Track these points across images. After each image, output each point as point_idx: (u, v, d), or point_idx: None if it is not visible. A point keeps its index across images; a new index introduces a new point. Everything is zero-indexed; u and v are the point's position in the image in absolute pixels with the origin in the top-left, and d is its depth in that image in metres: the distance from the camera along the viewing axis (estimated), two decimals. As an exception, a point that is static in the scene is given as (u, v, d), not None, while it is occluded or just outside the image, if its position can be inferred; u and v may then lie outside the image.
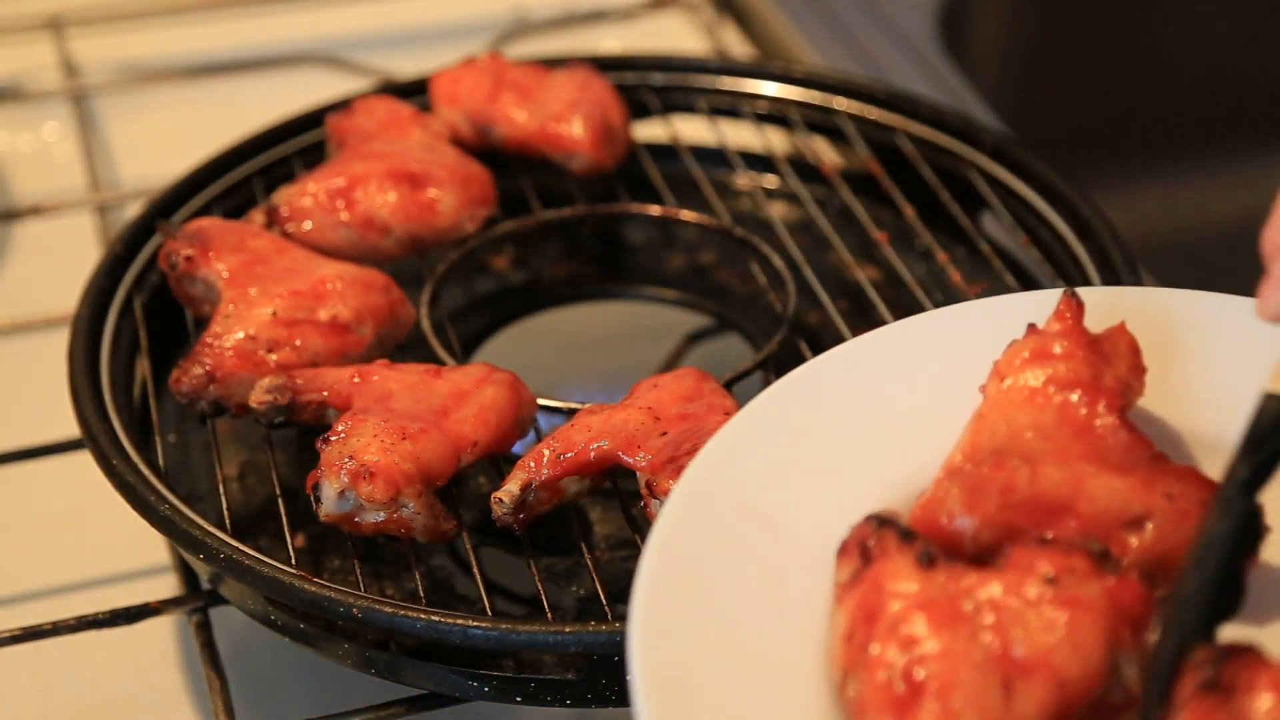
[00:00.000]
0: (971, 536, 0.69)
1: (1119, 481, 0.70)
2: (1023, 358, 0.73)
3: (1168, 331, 0.78)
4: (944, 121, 1.11)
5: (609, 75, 1.16)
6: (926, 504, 0.70)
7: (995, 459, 0.70)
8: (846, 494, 0.72)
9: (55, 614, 0.87)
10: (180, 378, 0.89)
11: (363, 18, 1.46)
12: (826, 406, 0.75)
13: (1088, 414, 0.72)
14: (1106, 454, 0.71)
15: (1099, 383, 0.73)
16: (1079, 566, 0.65)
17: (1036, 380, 0.73)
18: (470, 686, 0.80)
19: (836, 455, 0.73)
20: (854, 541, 0.67)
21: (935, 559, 0.66)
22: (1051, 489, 0.69)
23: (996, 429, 0.72)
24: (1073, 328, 0.74)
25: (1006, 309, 0.79)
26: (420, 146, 1.03)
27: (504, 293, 1.10)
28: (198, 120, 1.34)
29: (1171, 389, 0.77)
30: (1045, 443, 0.71)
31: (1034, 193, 1.04)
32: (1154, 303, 0.80)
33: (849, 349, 0.78)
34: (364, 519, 0.82)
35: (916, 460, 0.73)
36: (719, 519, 0.70)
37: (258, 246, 0.94)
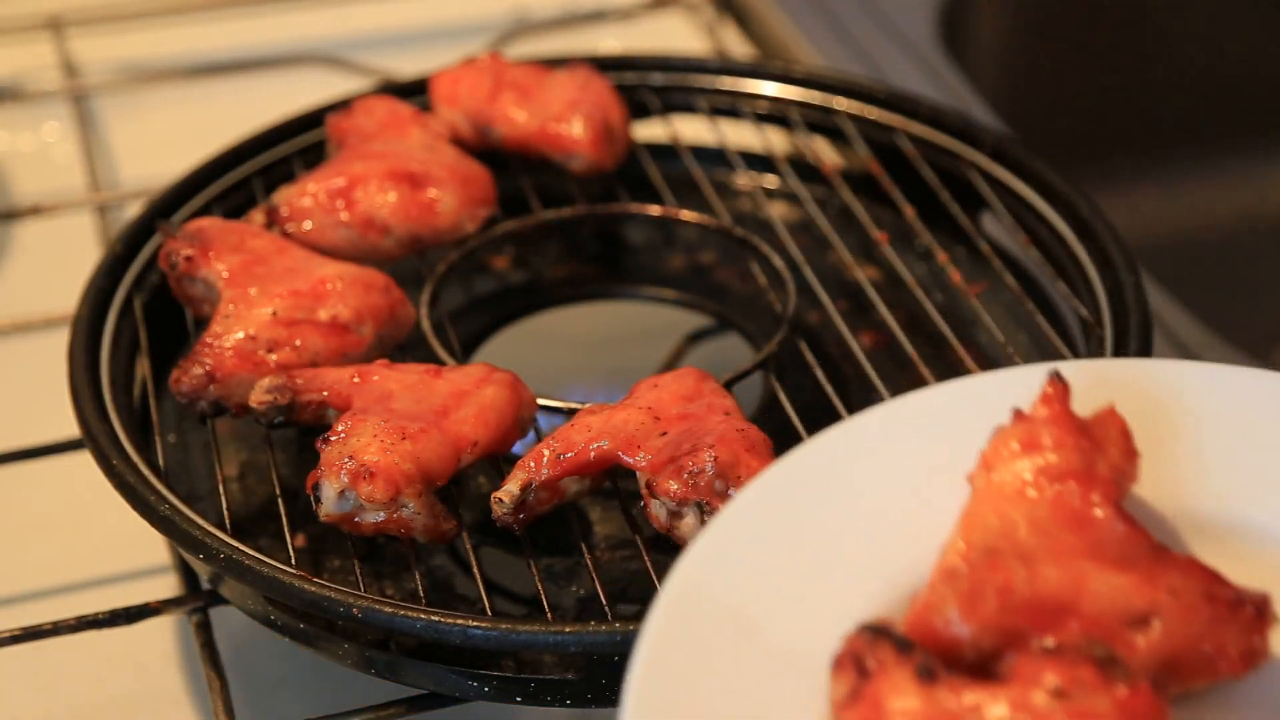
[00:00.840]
0: (970, 643, 0.66)
1: (1120, 578, 0.67)
2: (1010, 448, 0.70)
3: (1157, 406, 0.75)
4: (944, 121, 1.11)
5: (609, 75, 1.16)
6: (921, 610, 0.67)
7: (990, 558, 0.67)
8: (837, 596, 0.69)
9: (55, 614, 0.87)
10: (180, 378, 0.89)
11: (363, 18, 1.46)
12: (811, 501, 0.72)
13: (1083, 506, 0.68)
14: (1105, 548, 0.68)
15: (1092, 472, 0.69)
16: (1087, 677, 0.62)
17: (1027, 472, 0.69)
18: (470, 686, 0.80)
19: (824, 553, 0.70)
20: (848, 655, 0.64)
21: (935, 673, 0.62)
22: (1051, 589, 0.67)
23: (989, 524, 0.69)
24: (1060, 413, 0.70)
25: (990, 388, 0.76)
26: (420, 146, 1.03)
27: (504, 293, 1.10)
28: (198, 120, 1.34)
29: (1163, 468, 0.74)
30: (1041, 539, 0.68)
31: (1034, 193, 1.04)
32: (1141, 376, 0.77)
33: (832, 438, 0.75)
34: (364, 519, 0.82)
35: (907, 555, 0.71)
36: (708, 627, 0.67)
37: (258, 246, 0.94)
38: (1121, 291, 0.94)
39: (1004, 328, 1.01)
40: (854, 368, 0.98)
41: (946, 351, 0.98)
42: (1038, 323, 0.98)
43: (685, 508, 0.80)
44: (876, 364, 0.96)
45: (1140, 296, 0.94)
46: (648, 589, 0.80)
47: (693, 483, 0.80)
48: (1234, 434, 0.74)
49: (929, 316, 0.99)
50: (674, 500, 0.80)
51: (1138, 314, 0.92)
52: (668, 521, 0.81)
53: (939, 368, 0.97)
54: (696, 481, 0.80)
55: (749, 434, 0.82)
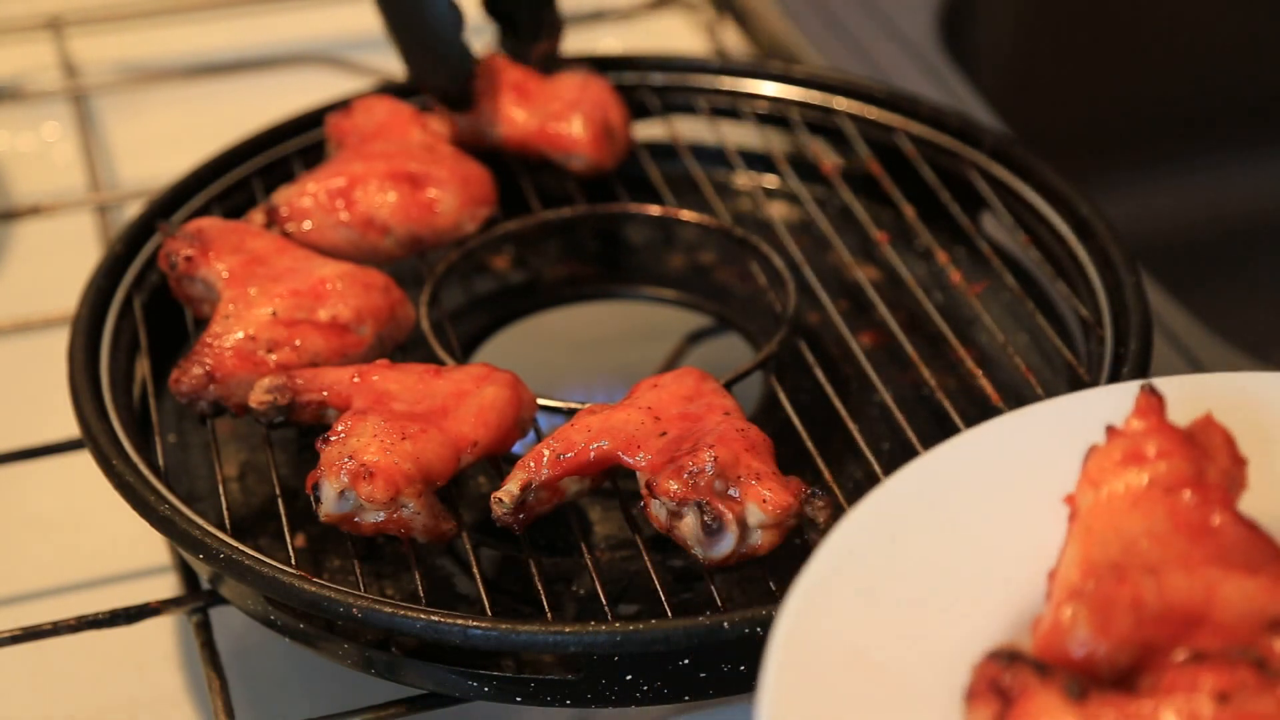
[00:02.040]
0: (1106, 660, 0.64)
1: (1250, 583, 0.66)
2: (1115, 461, 0.69)
3: (1253, 416, 0.74)
4: (944, 121, 1.10)
5: (609, 75, 1.16)
6: (1051, 631, 0.65)
7: (1116, 573, 0.66)
8: (950, 627, 0.68)
9: (55, 614, 0.87)
10: (180, 378, 0.89)
11: (363, 18, 1.45)
12: (908, 533, 0.71)
13: (1201, 514, 0.67)
14: (1230, 554, 0.66)
15: (1203, 479, 0.68)
16: (1247, 679, 0.61)
17: (1138, 483, 0.68)
18: (470, 686, 0.80)
19: (931, 586, 0.69)
20: (984, 683, 0.63)
21: (1087, 689, 0.61)
22: (1182, 598, 0.65)
23: (1106, 540, 0.67)
24: (1160, 424, 0.69)
25: (1074, 410, 0.75)
26: (420, 146, 1.03)
27: (504, 293, 1.10)
28: (198, 120, 1.34)
29: (1268, 476, 0.72)
30: (1163, 550, 0.67)
31: (1034, 192, 1.04)
32: (1228, 389, 0.76)
33: (917, 471, 0.74)
34: (364, 519, 0.82)
35: (1015, 582, 0.70)
36: (827, 668, 0.66)
37: (257, 246, 0.94)
38: (1121, 291, 0.94)
39: (1004, 327, 1.01)
40: (854, 368, 0.98)
41: (946, 351, 0.98)
42: (1038, 322, 0.98)
43: (685, 508, 0.80)
44: (876, 364, 0.96)
45: (1140, 296, 0.94)
46: (648, 589, 0.80)
47: (693, 483, 0.80)
48: None
49: (929, 316, 0.99)
50: (674, 500, 0.80)
51: (1138, 314, 0.92)
52: (668, 521, 0.81)
53: (939, 368, 0.97)
54: (696, 481, 0.80)
55: (749, 434, 0.82)
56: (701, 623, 0.76)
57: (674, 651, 0.76)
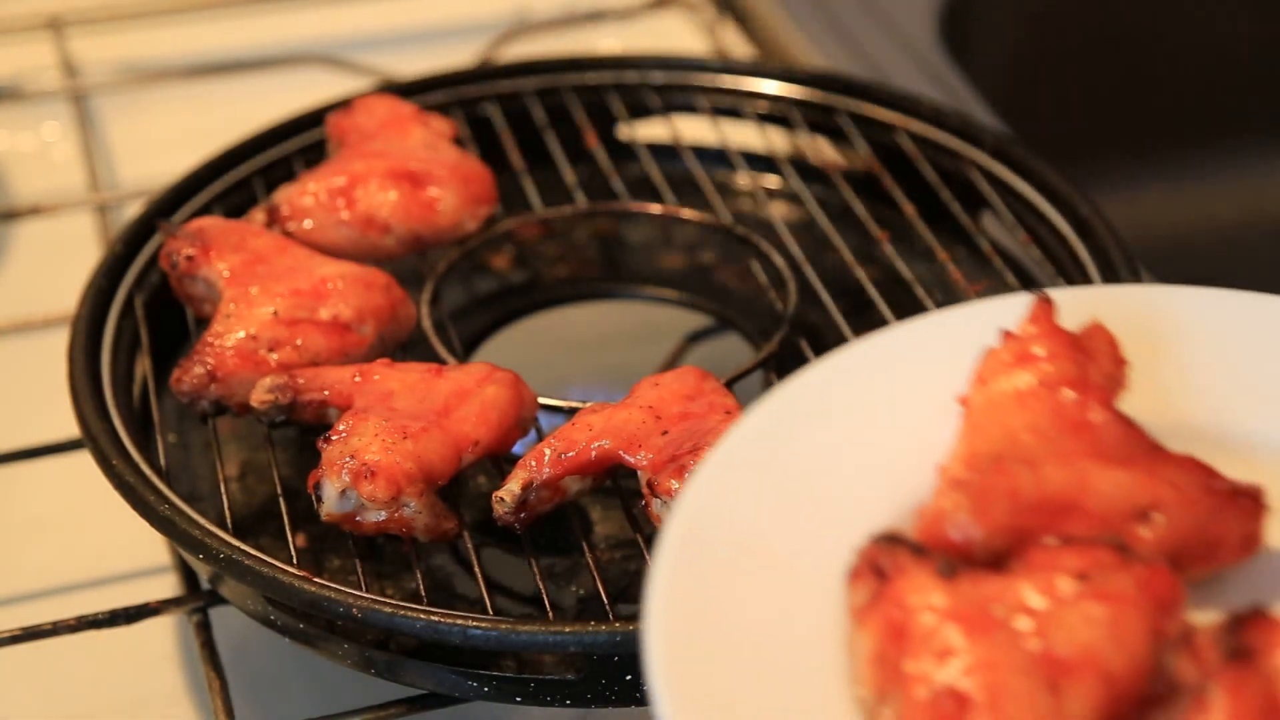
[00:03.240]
0: (982, 545, 0.67)
1: (1122, 474, 0.69)
2: (1005, 362, 0.72)
3: (1143, 326, 0.77)
4: (945, 121, 1.10)
5: (608, 74, 1.16)
6: (932, 516, 0.68)
7: (996, 465, 0.69)
8: (842, 516, 0.70)
9: (55, 614, 0.87)
10: (181, 377, 0.89)
11: (363, 18, 1.46)
12: (807, 429, 0.73)
13: (1080, 410, 0.71)
14: (1105, 449, 0.70)
15: (1086, 378, 0.72)
16: (1106, 560, 0.64)
17: (1024, 382, 0.72)
18: (470, 686, 0.80)
19: (823, 479, 0.72)
20: (865, 563, 0.65)
21: (957, 569, 0.64)
22: (1057, 489, 0.68)
23: (991, 434, 0.71)
24: (1050, 327, 0.73)
25: (974, 318, 0.78)
26: (421, 145, 1.03)
27: (504, 292, 1.10)
28: (198, 120, 1.34)
29: (1152, 383, 0.76)
30: (1043, 443, 0.70)
31: (1034, 192, 1.04)
32: (1125, 299, 0.79)
33: (820, 371, 0.76)
34: (365, 518, 0.82)
35: (905, 475, 0.72)
36: (718, 553, 0.68)
37: (258, 245, 0.94)
38: (1122, 291, 0.94)
39: (1005, 327, 1.00)
40: (855, 367, 0.98)
41: (947, 351, 0.98)
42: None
43: (686, 507, 0.80)
44: (877, 363, 0.96)
45: (1141, 296, 0.94)
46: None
47: (694, 482, 0.80)
48: (1218, 350, 0.77)
49: (930, 316, 0.99)
50: (675, 499, 0.80)
51: (1139, 313, 0.92)
52: (669, 521, 0.81)
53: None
54: (698, 481, 0.80)
55: (750, 433, 0.82)
56: (703, 622, 0.76)
57: (675, 651, 0.76)
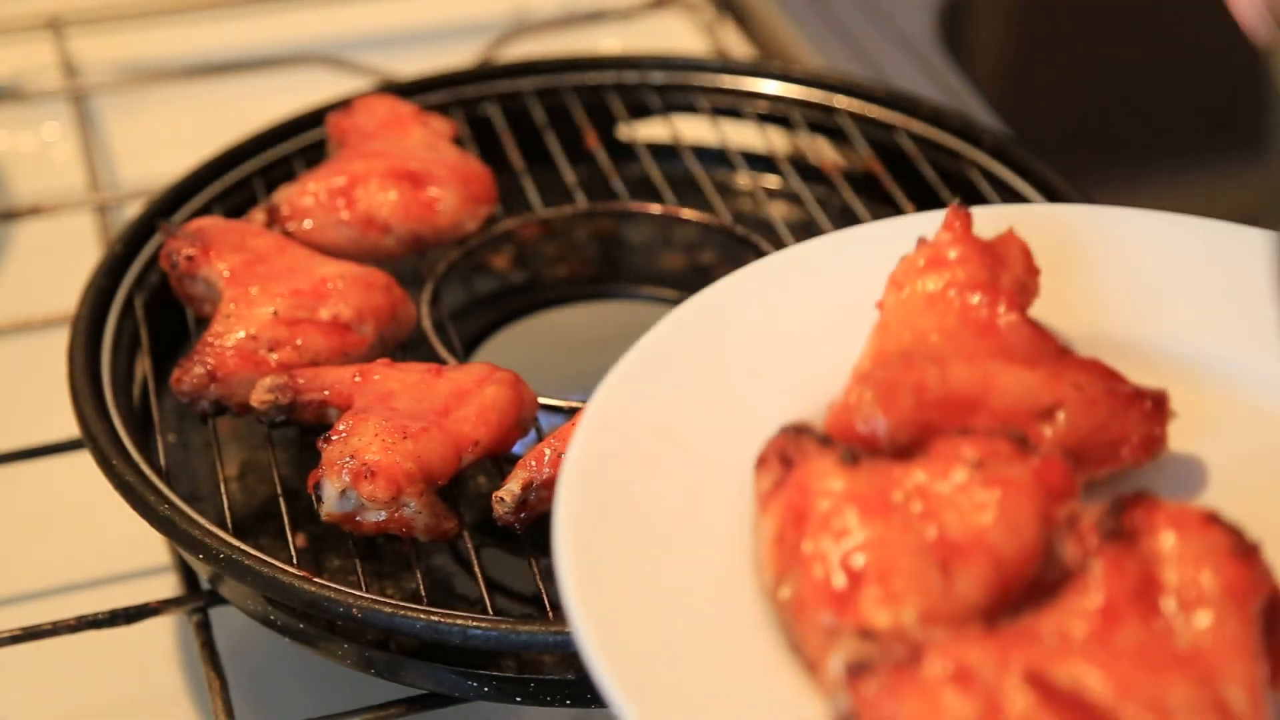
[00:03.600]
0: (888, 437, 0.69)
1: (1027, 375, 0.71)
2: (918, 266, 0.74)
3: (1056, 241, 0.79)
4: (944, 120, 1.11)
5: (608, 74, 1.16)
6: (840, 410, 0.70)
7: (904, 362, 0.71)
8: (756, 412, 0.72)
9: (55, 614, 0.87)
10: (181, 377, 0.89)
11: (363, 18, 1.46)
12: (729, 330, 0.76)
13: (989, 313, 0.73)
14: (1012, 350, 0.72)
15: (996, 284, 0.73)
16: (1002, 450, 0.66)
17: (935, 286, 0.73)
18: (470, 686, 0.80)
19: (742, 377, 0.74)
20: (772, 451, 0.67)
21: (859, 456, 0.66)
22: (962, 386, 0.70)
23: (901, 336, 0.73)
24: (964, 235, 0.74)
25: (897, 230, 0.79)
26: (421, 145, 1.03)
27: (504, 292, 1.09)
28: (198, 120, 1.34)
29: (1063, 295, 0.78)
30: (951, 344, 0.72)
31: (1035, 192, 1.04)
32: (1041, 216, 0.81)
33: (744, 276, 0.78)
34: (365, 518, 0.82)
35: (822, 376, 0.74)
36: (632, 444, 0.70)
37: (259, 245, 0.94)
38: (1123, 291, 0.94)
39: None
40: (855, 367, 0.98)
41: (947, 351, 0.98)
42: (1039, 322, 0.97)
43: (686, 507, 0.80)
44: (877, 363, 0.96)
45: (1141, 296, 0.94)
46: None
47: (694, 482, 0.80)
48: (1132, 266, 0.79)
49: (930, 316, 0.99)
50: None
51: (1139, 313, 0.92)
52: (669, 521, 0.81)
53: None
54: (698, 481, 0.80)
55: (750, 433, 0.82)
56: (703, 622, 0.76)
57: (675, 651, 0.76)
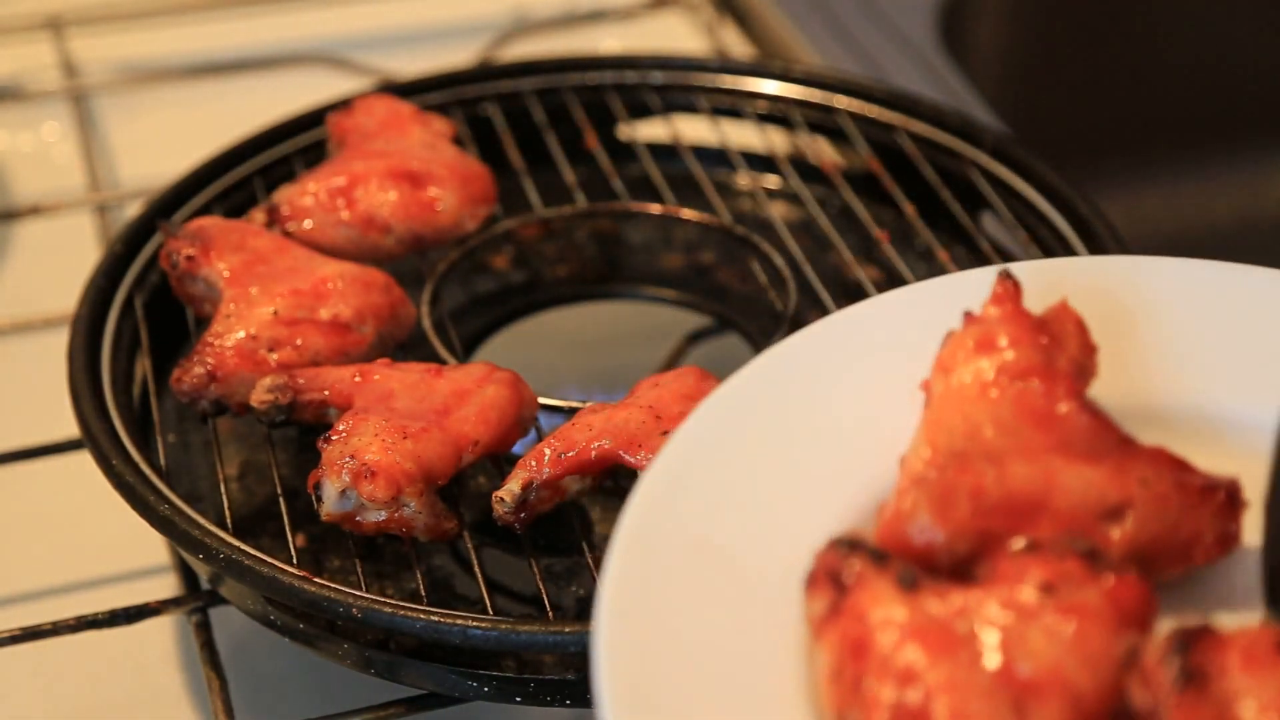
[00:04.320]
0: (945, 548, 0.65)
1: (1091, 471, 0.66)
2: (967, 349, 0.69)
3: (1111, 301, 0.74)
4: (945, 120, 1.11)
5: (608, 74, 1.16)
6: (892, 519, 0.65)
7: (959, 461, 0.66)
8: (800, 514, 0.67)
9: (55, 614, 0.87)
10: (181, 377, 0.89)
11: (363, 18, 1.46)
12: (762, 421, 0.70)
13: (1046, 402, 0.67)
14: (1073, 443, 0.67)
15: (1052, 368, 0.68)
16: (1072, 571, 0.61)
17: (987, 372, 0.68)
18: (470, 686, 0.80)
19: (782, 472, 0.69)
20: (823, 571, 0.63)
21: (917, 580, 0.61)
22: (1022, 487, 0.65)
23: (953, 428, 0.67)
24: (1014, 311, 0.69)
25: (937, 294, 0.74)
26: (421, 145, 1.03)
27: (504, 292, 1.09)
28: (198, 120, 1.34)
29: (1121, 363, 0.73)
30: (1007, 438, 0.67)
31: (1034, 191, 1.04)
32: (1092, 272, 0.76)
33: (777, 356, 0.73)
34: (365, 518, 0.82)
35: (867, 468, 0.69)
36: (672, 559, 0.65)
37: (259, 245, 0.94)
38: (1122, 291, 0.94)
39: (1005, 327, 1.00)
40: (855, 367, 0.98)
41: (947, 351, 0.98)
42: None
43: (686, 507, 0.80)
44: (877, 363, 0.96)
45: (1141, 296, 0.94)
46: (649, 588, 0.80)
47: (694, 482, 0.80)
48: (1190, 325, 0.74)
49: (930, 316, 0.99)
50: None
51: (1139, 313, 0.92)
52: (669, 521, 0.81)
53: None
54: (697, 481, 0.80)
55: (750, 433, 0.82)
56: (703, 622, 0.76)
57: (675, 651, 0.76)
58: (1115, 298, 0.74)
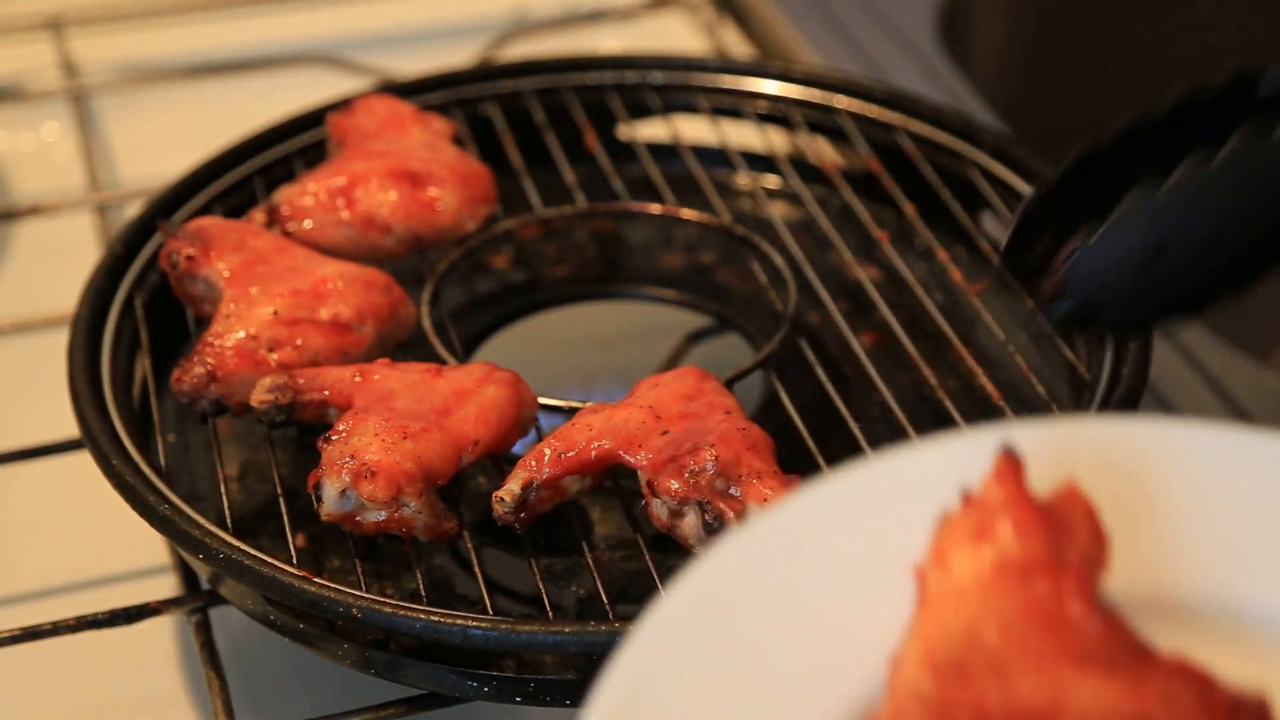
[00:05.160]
0: None
1: (1105, 686, 0.58)
2: (964, 538, 0.61)
3: (1124, 474, 0.66)
4: (945, 120, 1.11)
5: (608, 74, 1.16)
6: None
7: (958, 673, 0.59)
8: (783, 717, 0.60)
9: (55, 614, 0.87)
10: (181, 377, 0.89)
11: (363, 18, 1.46)
12: (739, 610, 0.62)
13: (1054, 603, 0.60)
14: (1085, 651, 0.59)
15: (1060, 562, 0.61)
16: None
17: (986, 566, 0.60)
18: (470, 686, 0.80)
19: (762, 669, 0.61)
20: None
21: None
22: (1029, 703, 0.58)
23: (950, 629, 0.60)
24: (1016, 494, 0.61)
25: (934, 461, 0.66)
26: (421, 145, 1.03)
27: (504, 292, 1.10)
28: (198, 120, 1.34)
29: (1135, 547, 0.65)
30: (1011, 644, 0.59)
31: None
32: (1105, 437, 0.67)
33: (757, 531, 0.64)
34: (365, 518, 0.82)
35: (854, 664, 0.62)
36: None
37: (258, 245, 0.94)
38: (1122, 291, 0.94)
39: (1005, 327, 1.00)
40: (855, 367, 0.98)
41: (947, 351, 0.98)
42: (1038, 321, 0.97)
43: (686, 507, 0.80)
44: (877, 363, 0.96)
45: (1141, 295, 0.94)
46: (649, 588, 0.80)
47: (694, 482, 0.80)
48: (1211, 503, 0.66)
49: (930, 316, 0.99)
50: (675, 499, 0.80)
51: (1139, 313, 0.92)
52: (669, 520, 0.81)
53: (940, 367, 0.97)
54: (698, 480, 0.80)
55: (750, 433, 0.82)
56: (703, 622, 0.76)
57: (675, 651, 0.76)
58: (1127, 470, 0.66)
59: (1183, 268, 0.77)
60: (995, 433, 0.64)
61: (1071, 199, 0.81)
